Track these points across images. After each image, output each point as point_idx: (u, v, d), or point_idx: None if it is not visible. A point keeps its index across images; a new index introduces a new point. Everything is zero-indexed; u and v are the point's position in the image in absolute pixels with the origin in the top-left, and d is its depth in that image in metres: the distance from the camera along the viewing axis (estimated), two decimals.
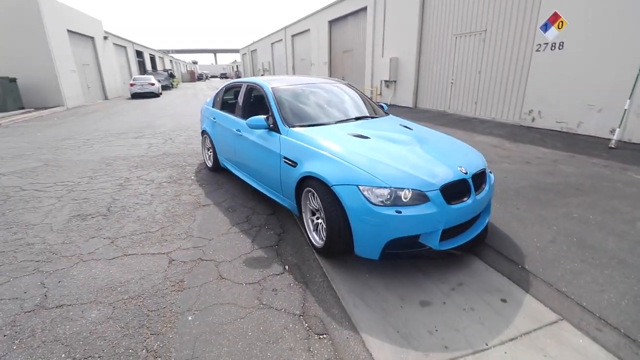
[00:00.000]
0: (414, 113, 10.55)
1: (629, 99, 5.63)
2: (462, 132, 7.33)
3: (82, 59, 18.15)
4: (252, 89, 4.04)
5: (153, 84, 20.94)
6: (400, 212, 2.17)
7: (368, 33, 13.41)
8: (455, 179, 2.38)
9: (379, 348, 1.83)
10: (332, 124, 3.26)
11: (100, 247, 2.91)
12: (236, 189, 4.26)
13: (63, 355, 1.80)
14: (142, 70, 32.17)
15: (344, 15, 15.51)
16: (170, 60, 50.99)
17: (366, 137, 2.85)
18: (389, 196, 2.22)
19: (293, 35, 22.91)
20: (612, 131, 5.98)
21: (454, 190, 2.36)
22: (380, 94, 13.35)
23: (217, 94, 4.82)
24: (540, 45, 7.09)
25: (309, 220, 2.83)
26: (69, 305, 2.18)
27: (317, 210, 2.66)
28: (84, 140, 7.65)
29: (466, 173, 2.46)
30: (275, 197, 3.31)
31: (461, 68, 9.49)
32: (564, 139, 6.38)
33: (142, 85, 20.67)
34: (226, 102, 4.64)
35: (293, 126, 3.12)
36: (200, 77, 62.62)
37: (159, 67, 40.30)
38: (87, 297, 2.26)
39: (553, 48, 6.84)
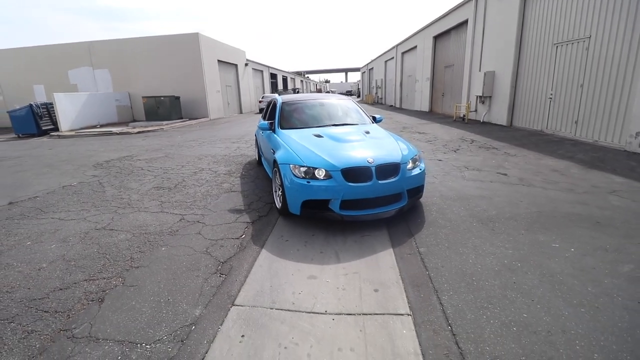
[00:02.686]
0: (500, 132, 9.56)
1: None
2: (535, 154, 6.48)
3: (226, 81, 23.20)
4: (275, 102, 5.37)
5: None
6: (309, 182, 3.30)
7: (467, 46, 12.76)
8: (357, 165, 3.31)
9: (265, 257, 2.47)
10: (312, 127, 4.49)
11: (153, 205, 4.38)
12: (263, 183, 5.31)
13: (95, 250, 3.13)
14: (274, 89, 38.12)
15: (447, 29, 15.10)
16: (302, 80, 58.14)
17: (321, 137, 4.02)
18: (307, 172, 3.35)
19: (403, 53, 23.23)
20: None
21: (357, 174, 3.28)
22: (476, 110, 12.42)
23: (265, 107, 6.22)
24: None
25: (276, 189, 4.03)
26: (114, 230, 3.59)
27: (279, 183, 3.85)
28: (201, 142, 10.23)
29: (372, 162, 3.33)
30: (270, 173, 4.64)
31: (561, 81, 8.19)
32: None
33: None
34: (265, 112, 6.08)
35: (284, 128, 4.56)
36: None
37: (290, 86, 46.69)
38: (125, 228, 3.64)
39: None
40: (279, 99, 5.22)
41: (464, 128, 10.68)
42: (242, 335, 2.02)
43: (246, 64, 26.93)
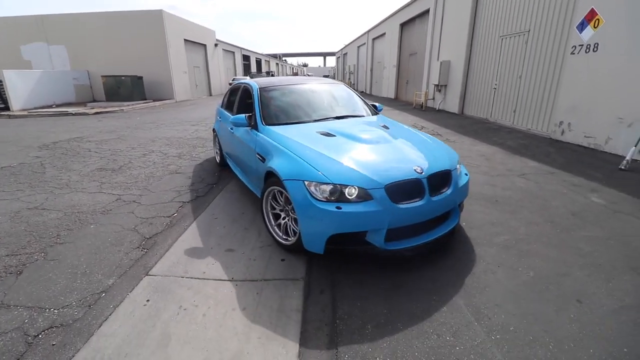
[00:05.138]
0: (450, 119, 10.08)
1: None
2: (472, 140, 6.98)
3: (193, 62, 22.48)
4: (247, 89, 4.09)
5: None
6: (340, 208, 2.20)
7: (428, 35, 13.12)
8: (404, 178, 2.35)
9: (190, 233, 2.69)
10: (309, 122, 3.37)
11: (92, 186, 4.43)
12: (210, 165, 5.43)
13: (23, 228, 3.22)
14: (247, 72, 37.25)
15: (412, 17, 15.37)
16: (277, 64, 57.02)
17: (332, 135, 2.95)
18: (333, 192, 2.25)
19: (374, 39, 23.36)
20: None
21: (405, 190, 2.33)
22: (433, 98, 12.92)
23: (225, 94, 5.07)
24: (575, 47, 6.22)
25: (270, 214, 2.93)
26: (46, 210, 3.66)
27: (281, 208, 2.81)
28: (159, 124, 10.06)
29: (421, 173, 2.40)
30: (255, 190, 3.45)
31: (504, 72, 8.73)
32: (577, 156, 5.57)
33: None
34: (229, 101, 4.81)
35: (270, 124, 3.30)
36: None
37: (264, 69, 45.75)
38: (58, 207, 3.71)
39: (587, 50, 5.95)
40: (253, 83, 3.89)
41: (419, 115, 11.15)
42: (148, 300, 2.24)
43: (216, 45, 26.12)
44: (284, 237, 2.78)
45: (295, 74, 63.72)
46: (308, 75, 71.72)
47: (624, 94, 5.33)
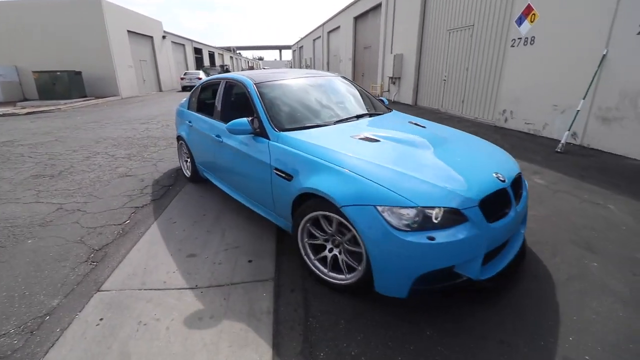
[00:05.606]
0: (408, 110, 10.46)
1: (583, 99, 5.19)
2: None
3: (139, 55, 20.93)
4: (232, 86, 3.35)
5: (200, 78, 23.23)
6: (433, 239, 1.69)
7: (381, 29, 13.42)
8: (493, 190, 1.93)
9: (146, 240, 2.48)
10: (330, 124, 2.74)
11: (28, 196, 3.95)
12: (165, 165, 5.10)
13: None
14: (200, 66, 35.53)
15: (365, 11, 15.61)
16: (231, 57, 55.07)
17: (375, 140, 2.38)
18: (416, 218, 1.72)
19: (329, 32, 23.44)
20: (574, 135, 5.55)
21: (494, 204, 1.92)
22: (388, 90, 13.30)
23: (192, 93, 4.09)
24: (514, 40, 6.71)
25: (307, 246, 2.31)
26: None
27: (325, 237, 2.21)
28: (103, 124, 9.25)
29: (504, 181, 2.03)
30: (267, 215, 2.79)
31: (453, 65, 9.19)
32: (519, 141, 6.05)
33: (190, 79, 23.07)
34: (203, 102, 3.95)
35: (284, 129, 2.56)
36: None
37: (218, 63, 43.92)
38: None
39: (525, 43, 6.44)
40: (245, 79, 3.09)
41: None
42: (101, 319, 2.04)
43: (164, 37, 24.52)
44: (335, 274, 2.17)
45: (251, 68, 62.04)
46: (264, 69, 69.89)
47: (557, 83, 5.85)
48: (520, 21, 6.53)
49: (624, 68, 4.72)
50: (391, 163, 2.03)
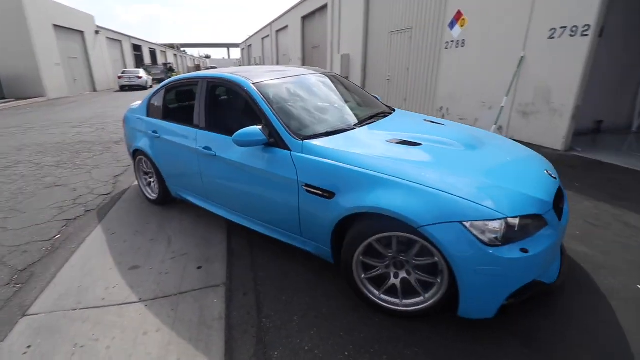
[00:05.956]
0: None
1: (506, 96, 5.79)
2: None
3: (68, 52, 18.96)
4: (216, 86, 2.85)
5: (140, 77, 21.64)
6: (527, 251, 1.57)
7: (328, 29, 13.67)
8: (557, 188, 1.93)
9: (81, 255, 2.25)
10: (352, 128, 2.42)
11: None
12: (101, 173, 4.70)
13: None
14: (140, 64, 33.13)
15: (312, 11, 15.77)
16: (175, 55, 52.08)
17: (417, 144, 2.13)
18: (503, 230, 1.56)
19: (277, 31, 23.27)
20: (500, 128, 6.16)
21: (556, 203, 1.87)
22: None
23: (153, 96, 3.40)
24: (448, 43, 7.26)
25: (366, 282, 1.98)
26: None
27: (383, 261, 1.91)
28: (27, 128, 8.26)
29: (555, 178, 2.03)
30: (290, 240, 2.38)
31: (395, 65, 9.68)
32: None
33: (129, 78, 21.39)
34: (173, 108, 3.39)
35: (306, 137, 2.18)
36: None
37: (160, 61, 41.30)
38: None
39: (457, 46, 7.01)
40: (240, 79, 2.55)
41: None
42: (29, 346, 1.84)
43: (97, 32, 22.44)
44: (397, 300, 1.91)
45: (198, 67, 59.27)
46: (212, 68, 67.11)
47: (484, 82, 6.45)
48: (452, 25, 7.08)
49: (537, 68, 5.35)
50: (452, 170, 1.83)
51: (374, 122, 2.63)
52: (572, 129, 5.09)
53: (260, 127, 2.19)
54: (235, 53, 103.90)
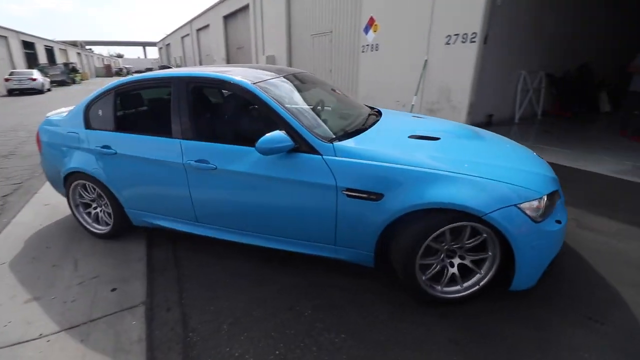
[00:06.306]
0: None
1: (415, 95, 6.44)
2: None
3: None
4: (199, 88, 2.58)
5: (34, 79, 18.69)
6: (560, 222, 1.88)
7: (252, 30, 13.50)
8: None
9: None
10: (367, 127, 2.39)
11: None
12: None
13: None
14: (34, 64, 28.46)
15: (234, 11, 15.41)
16: (79, 53, 45.85)
17: (436, 138, 2.23)
18: (543, 207, 1.81)
19: (198, 30, 22.16)
20: None
21: None
22: None
23: (94, 102, 2.72)
24: (364, 46, 7.77)
25: (426, 282, 2.00)
26: None
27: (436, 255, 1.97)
28: None
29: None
30: (318, 250, 2.23)
31: (319, 66, 10.03)
32: None
33: (20, 80, 18.31)
34: (130, 115, 2.90)
35: (333, 140, 2.07)
36: (119, 72, 56.96)
37: (60, 60, 35.93)
38: None
39: (372, 49, 7.55)
40: (240, 80, 2.25)
41: None
42: None
43: None
44: (459, 287, 2.01)
45: (108, 67, 53.13)
46: (125, 68, 60.62)
47: (397, 83, 7.07)
48: (366, 30, 7.58)
49: (439, 71, 6.06)
50: (482, 158, 2.04)
51: (378, 120, 2.62)
52: (468, 122, 5.88)
53: (283, 131, 2.01)
54: (153, 52, 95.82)
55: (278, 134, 1.97)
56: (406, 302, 2.08)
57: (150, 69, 61.73)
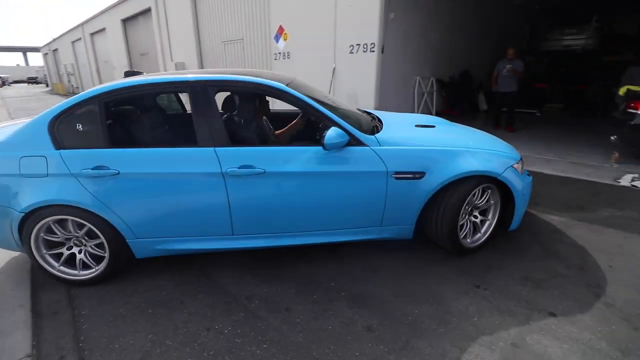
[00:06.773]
0: None
1: None
2: None
3: None
4: (224, 92, 2.61)
5: None
6: (530, 174, 2.78)
7: (156, 36, 12.54)
8: None
9: None
10: (377, 123, 2.83)
11: None
12: None
13: None
14: None
15: (134, 14, 14.06)
16: None
17: (432, 126, 2.90)
18: (521, 165, 2.63)
19: (92, 34, 19.65)
20: None
21: None
22: None
23: (63, 116, 2.20)
24: (276, 54, 7.90)
25: (465, 237, 2.61)
26: None
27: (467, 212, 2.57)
28: None
29: None
30: (362, 234, 2.49)
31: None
32: None
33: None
34: (131, 127, 2.50)
35: (364, 130, 2.41)
36: None
37: None
38: None
39: (284, 57, 7.72)
40: (274, 83, 2.28)
41: None
42: None
43: None
44: (471, 238, 2.69)
45: None
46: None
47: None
48: (277, 38, 7.72)
49: (346, 77, 6.50)
50: (473, 140, 2.74)
51: (383, 117, 3.07)
52: None
53: (337, 128, 2.16)
54: (36, 59, 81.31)
55: (337, 131, 2.12)
56: (319, 300, 2.20)
57: (34, 79, 52.14)
